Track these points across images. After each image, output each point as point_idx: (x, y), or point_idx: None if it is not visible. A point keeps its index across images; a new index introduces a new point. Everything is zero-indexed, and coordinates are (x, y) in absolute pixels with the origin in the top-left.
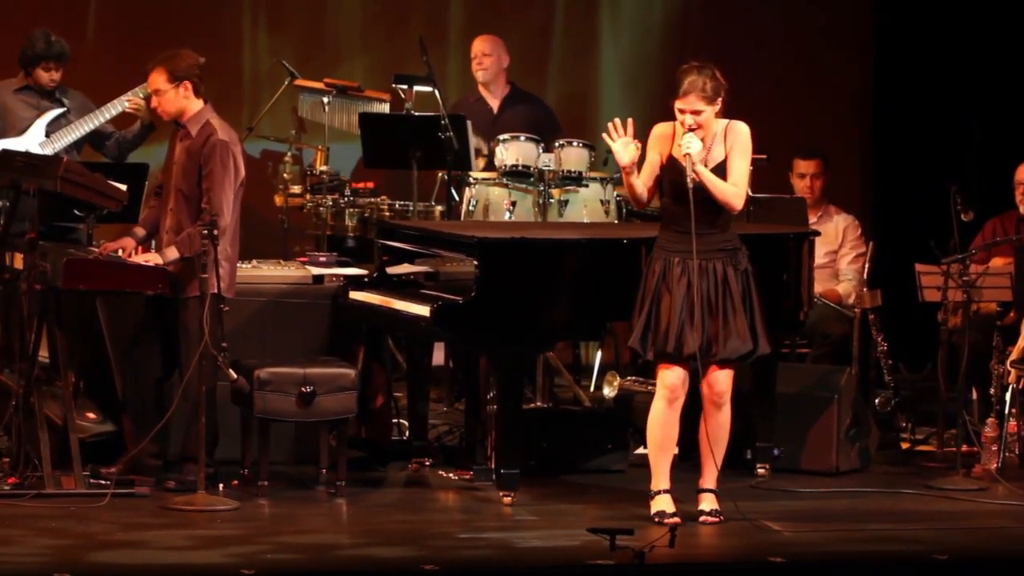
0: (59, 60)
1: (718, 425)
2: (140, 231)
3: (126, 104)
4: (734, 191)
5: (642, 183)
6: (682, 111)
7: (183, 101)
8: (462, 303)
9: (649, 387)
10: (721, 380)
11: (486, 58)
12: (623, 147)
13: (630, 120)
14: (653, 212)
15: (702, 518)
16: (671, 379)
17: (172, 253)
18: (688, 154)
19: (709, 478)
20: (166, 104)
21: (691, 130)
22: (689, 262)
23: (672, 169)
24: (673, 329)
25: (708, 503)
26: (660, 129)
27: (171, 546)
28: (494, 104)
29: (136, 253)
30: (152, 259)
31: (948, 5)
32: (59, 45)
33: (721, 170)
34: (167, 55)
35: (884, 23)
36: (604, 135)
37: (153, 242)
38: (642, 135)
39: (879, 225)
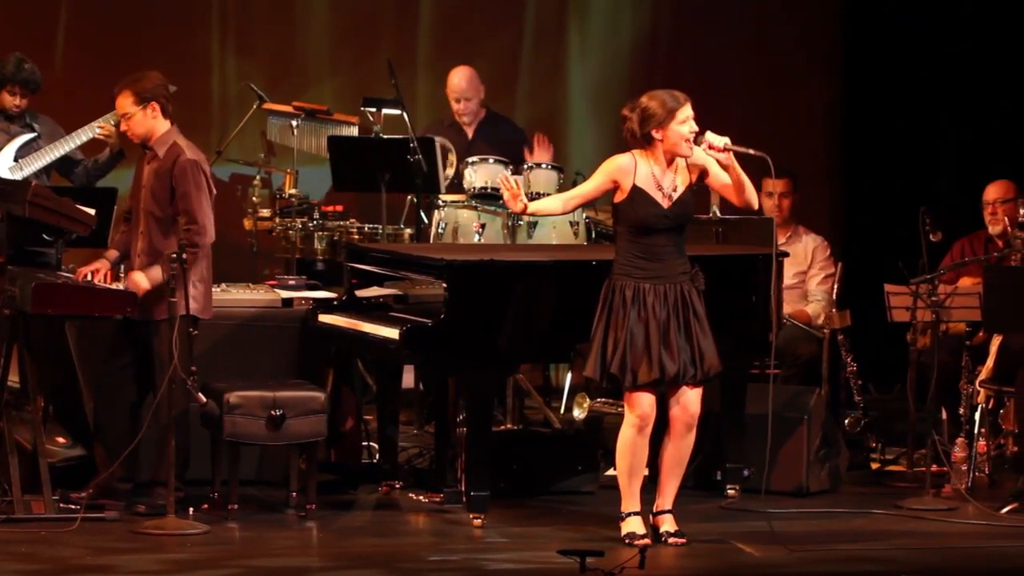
0: (24, 86)
1: (686, 447)
2: (113, 254)
3: (97, 131)
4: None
5: (573, 202)
6: (688, 119)
7: (151, 122)
8: (431, 326)
9: (619, 409)
10: (695, 402)
11: (468, 102)
12: (512, 198)
13: (521, 179)
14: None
15: (671, 540)
16: (644, 407)
17: (157, 274)
18: (725, 144)
19: (669, 499)
20: (135, 126)
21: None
22: (660, 287)
23: (641, 201)
24: (655, 356)
25: (670, 524)
26: (621, 161)
27: (141, 570)
28: (469, 130)
29: (107, 280)
30: (140, 285)
31: (918, 25)
32: (29, 72)
33: (689, 198)
34: (132, 77)
35: (854, 43)
36: (498, 180)
37: (123, 267)
38: (610, 153)
39: (848, 246)
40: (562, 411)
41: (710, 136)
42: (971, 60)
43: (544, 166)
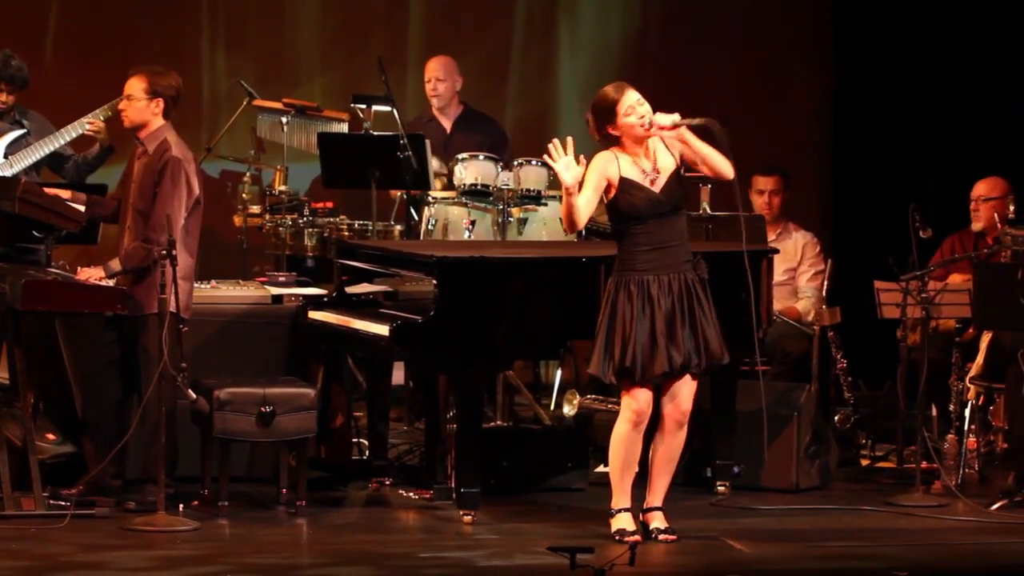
0: (11, 83)
1: (678, 444)
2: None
3: (87, 126)
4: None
5: (587, 211)
6: (632, 108)
7: (150, 115)
8: (421, 322)
9: (609, 405)
10: (688, 399)
11: (440, 83)
12: (566, 167)
13: (570, 140)
14: (607, 228)
15: (661, 536)
16: (640, 403)
17: (115, 265)
18: (674, 122)
19: (660, 496)
20: (133, 112)
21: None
22: (664, 278)
23: (631, 189)
24: (662, 349)
25: (660, 521)
26: (604, 157)
27: (131, 567)
28: (447, 125)
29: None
30: (95, 274)
31: (908, 23)
32: (15, 69)
33: (678, 178)
34: (154, 68)
35: (845, 40)
36: (545, 156)
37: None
38: (599, 151)
39: (838, 242)
40: (552, 408)
41: (658, 117)
42: (962, 58)
43: (534, 163)
